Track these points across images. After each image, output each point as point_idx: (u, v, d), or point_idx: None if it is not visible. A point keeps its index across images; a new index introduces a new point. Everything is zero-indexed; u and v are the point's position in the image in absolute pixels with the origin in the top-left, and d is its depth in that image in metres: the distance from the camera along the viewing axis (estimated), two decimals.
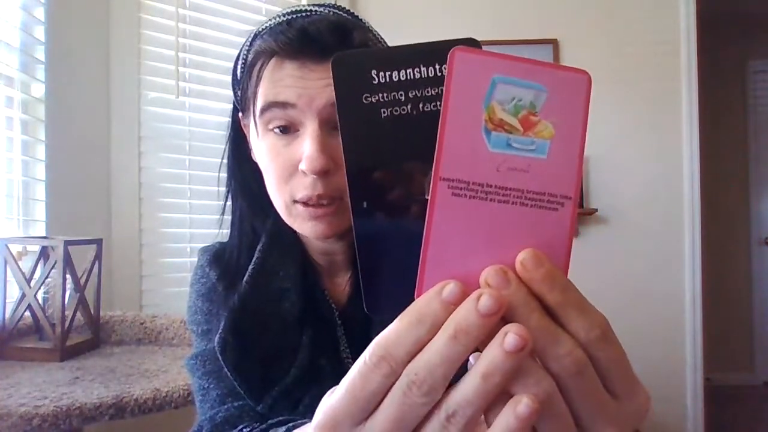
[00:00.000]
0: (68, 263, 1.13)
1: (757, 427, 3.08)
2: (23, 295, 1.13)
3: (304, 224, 0.58)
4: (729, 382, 3.54)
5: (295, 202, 0.57)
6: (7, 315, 1.14)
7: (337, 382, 0.38)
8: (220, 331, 0.60)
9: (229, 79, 0.69)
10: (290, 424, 0.51)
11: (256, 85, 0.57)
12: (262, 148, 0.58)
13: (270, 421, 0.56)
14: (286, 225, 0.62)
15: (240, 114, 0.65)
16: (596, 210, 2.29)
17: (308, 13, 0.58)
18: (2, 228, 1.31)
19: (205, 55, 1.79)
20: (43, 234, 1.36)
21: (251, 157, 0.64)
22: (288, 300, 0.62)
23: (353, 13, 0.61)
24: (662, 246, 2.35)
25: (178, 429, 1.27)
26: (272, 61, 0.56)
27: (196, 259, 1.88)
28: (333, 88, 0.48)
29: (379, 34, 0.62)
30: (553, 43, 2.33)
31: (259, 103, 0.56)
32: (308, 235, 0.59)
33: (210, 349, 0.63)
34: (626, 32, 2.36)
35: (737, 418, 3.08)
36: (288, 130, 0.56)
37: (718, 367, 3.28)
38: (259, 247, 0.64)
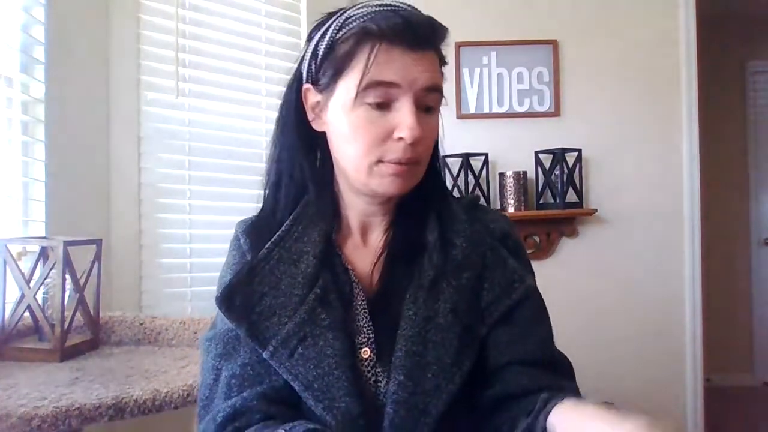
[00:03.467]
0: (68, 264, 1.13)
1: (757, 427, 3.08)
2: (23, 296, 1.13)
3: (384, 180, 0.67)
4: (729, 383, 3.54)
5: (380, 162, 0.66)
6: (7, 315, 1.14)
7: (331, 334, 0.64)
8: (228, 282, 0.68)
9: (229, 79, 0.74)
10: None
11: (367, 63, 0.64)
12: (354, 117, 0.66)
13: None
14: (324, 194, 0.73)
15: (307, 86, 0.71)
16: (596, 210, 2.29)
17: (402, 8, 0.67)
18: (2, 228, 1.30)
19: (205, 55, 1.79)
20: (43, 234, 1.36)
21: (310, 126, 0.72)
22: (304, 262, 0.69)
23: None
24: (662, 246, 2.35)
25: (177, 430, 1.27)
26: (382, 45, 0.64)
27: (195, 260, 1.87)
28: (428, 73, 0.65)
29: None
30: (553, 43, 2.33)
31: (366, 80, 0.64)
32: (385, 191, 0.68)
33: (225, 330, 0.69)
34: (626, 33, 2.35)
35: (737, 418, 3.08)
36: (383, 104, 0.65)
37: (717, 367, 3.27)
38: (290, 216, 0.73)
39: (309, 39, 0.71)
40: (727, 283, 3.61)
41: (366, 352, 0.67)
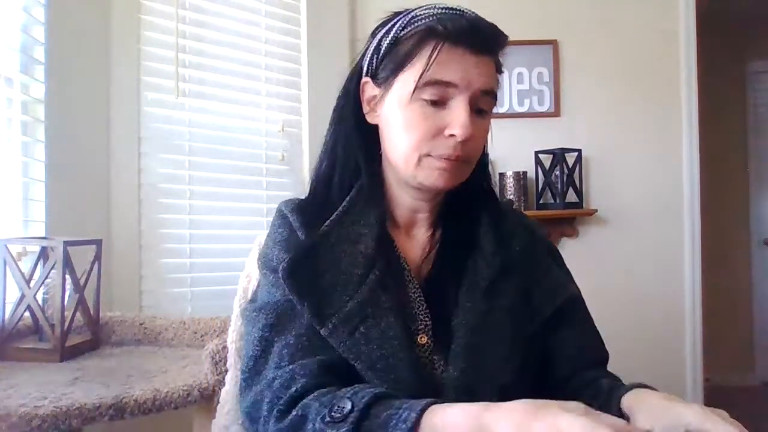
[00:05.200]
0: (68, 264, 1.13)
1: (757, 427, 3.07)
2: (23, 296, 1.13)
3: (431, 173, 0.69)
4: (729, 383, 3.54)
5: (429, 155, 0.68)
6: (7, 315, 1.14)
7: (392, 317, 0.65)
8: (292, 255, 0.68)
9: (229, 79, 0.73)
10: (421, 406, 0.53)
11: (428, 60, 0.66)
12: (409, 111, 0.68)
13: (368, 397, 0.55)
14: (375, 182, 0.75)
15: (365, 80, 0.74)
16: (596, 210, 2.29)
17: (467, 12, 0.69)
18: (2, 228, 1.30)
19: (205, 56, 1.79)
20: (43, 234, 1.36)
21: (364, 117, 0.75)
22: (363, 243, 0.70)
23: None
24: (662, 246, 2.35)
25: (177, 430, 1.26)
26: (445, 45, 0.66)
27: (195, 260, 1.87)
28: (485, 76, 0.68)
29: None
30: (553, 43, 2.33)
31: (426, 77, 0.66)
32: (430, 184, 0.70)
33: (276, 302, 0.69)
34: (626, 33, 2.36)
35: (737, 419, 3.07)
36: (438, 102, 0.67)
37: (718, 367, 3.27)
38: (347, 199, 0.74)
39: (373, 35, 0.74)
40: (727, 283, 3.60)
41: (423, 339, 0.69)
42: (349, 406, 0.54)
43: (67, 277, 1.14)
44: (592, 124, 2.35)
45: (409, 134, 0.68)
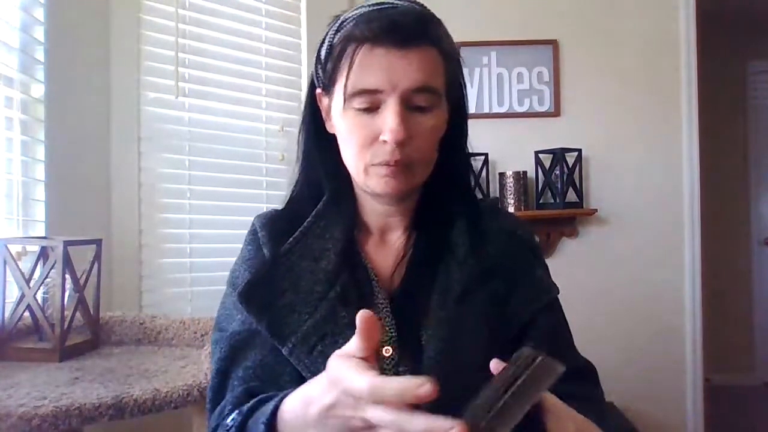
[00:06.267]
0: (68, 263, 1.13)
1: (757, 427, 3.08)
2: (22, 296, 1.13)
3: (379, 181, 0.66)
4: (729, 383, 3.54)
5: (374, 165, 0.66)
6: (7, 315, 1.14)
7: (352, 332, 0.52)
8: (249, 279, 0.68)
9: (229, 79, 0.72)
10: (277, 399, 0.54)
11: (349, 69, 0.63)
12: (346, 121, 0.66)
13: (253, 401, 0.60)
14: (344, 193, 0.73)
15: (318, 90, 0.72)
16: (596, 210, 2.29)
17: (394, 5, 0.65)
18: (2, 228, 1.30)
19: (205, 55, 1.79)
20: (43, 234, 1.36)
21: (325, 128, 0.73)
22: (325, 259, 0.69)
23: (426, 7, 0.69)
24: (662, 246, 2.35)
25: (177, 430, 1.27)
26: (363, 48, 0.63)
27: (196, 260, 1.86)
28: (415, 73, 0.63)
29: (447, 30, 0.69)
30: (553, 43, 2.33)
31: (350, 87, 0.64)
32: (381, 191, 0.67)
33: (232, 333, 0.69)
34: (626, 32, 2.36)
35: (737, 418, 3.08)
36: (370, 108, 0.64)
37: (718, 367, 3.28)
38: (312, 213, 0.72)
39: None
40: (727, 283, 3.60)
41: (388, 351, 0.67)
42: (236, 413, 0.58)
43: (67, 276, 1.14)
44: (592, 124, 2.35)
45: (350, 144, 0.67)
